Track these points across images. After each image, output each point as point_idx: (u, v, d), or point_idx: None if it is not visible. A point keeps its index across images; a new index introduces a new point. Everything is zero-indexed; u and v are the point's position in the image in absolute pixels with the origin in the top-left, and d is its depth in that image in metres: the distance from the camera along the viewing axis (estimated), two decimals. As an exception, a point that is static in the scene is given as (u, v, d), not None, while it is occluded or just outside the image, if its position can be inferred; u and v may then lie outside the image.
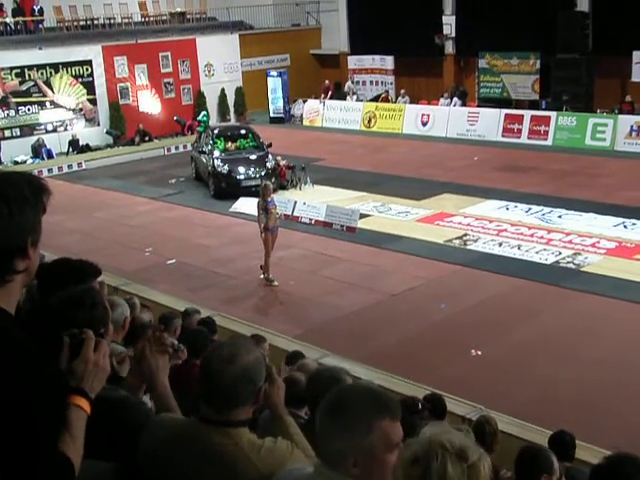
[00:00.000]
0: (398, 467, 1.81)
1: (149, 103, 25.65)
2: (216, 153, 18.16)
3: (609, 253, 12.45)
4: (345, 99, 27.23)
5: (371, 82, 28.08)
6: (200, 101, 26.60)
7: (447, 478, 1.72)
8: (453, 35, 25.81)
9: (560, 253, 12.54)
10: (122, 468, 2.25)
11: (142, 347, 2.55)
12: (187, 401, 2.84)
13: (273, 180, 17.65)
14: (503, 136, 22.29)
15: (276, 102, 27.66)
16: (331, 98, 27.34)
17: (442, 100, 24.87)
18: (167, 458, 2.29)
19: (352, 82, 27.89)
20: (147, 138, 23.99)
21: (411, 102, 25.52)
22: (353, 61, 28.55)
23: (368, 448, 1.94)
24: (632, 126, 20.02)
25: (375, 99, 26.92)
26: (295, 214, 15.38)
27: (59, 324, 2.20)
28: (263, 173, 17.55)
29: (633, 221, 13.83)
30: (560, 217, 14.48)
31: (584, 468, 5.15)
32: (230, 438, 2.23)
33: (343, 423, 1.95)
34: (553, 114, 21.63)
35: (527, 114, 22.25)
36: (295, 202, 15.65)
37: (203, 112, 25.12)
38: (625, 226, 13.70)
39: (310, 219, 15.14)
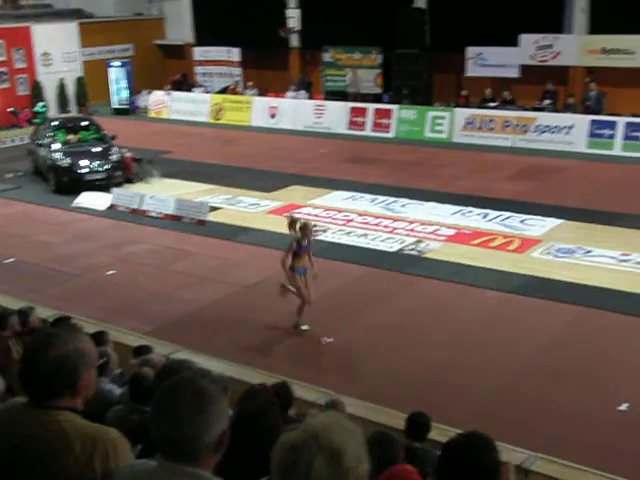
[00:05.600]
0: (276, 450, 1.76)
1: (-19, 93, 24.10)
2: (56, 146, 17.38)
3: (449, 240, 13.12)
4: (191, 91, 26.90)
5: (219, 74, 27.88)
6: (37, 91, 25.33)
7: (312, 475, 1.68)
8: (298, 29, 26.12)
9: (404, 241, 13.07)
10: None
11: None
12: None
13: (119, 173, 17.17)
14: (349, 129, 22.87)
15: (120, 93, 26.85)
16: (179, 90, 26.91)
17: (289, 93, 25.14)
18: None
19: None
20: (-21, 130, 22.55)
21: (260, 94, 25.61)
22: (199, 52, 28.22)
23: (225, 430, 2.04)
24: (467, 119, 21.18)
25: (223, 91, 26.77)
26: (143, 208, 15.05)
27: None
28: (108, 166, 17.01)
29: (469, 209, 14.66)
30: (403, 206, 15.09)
31: (432, 449, 5.41)
32: (51, 416, 2.25)
33: (210, 416, 1.99)
34: (395, 107, 22.46)
35: (371, 107, 22.95)
36: (142, 196, 15.31)
37: (41, 103, 23.94)
38: (463, 214, 14.49)
39: (159, 213, 14.85)
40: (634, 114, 19.33)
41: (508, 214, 14.21)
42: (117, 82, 26.77)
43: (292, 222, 9.66)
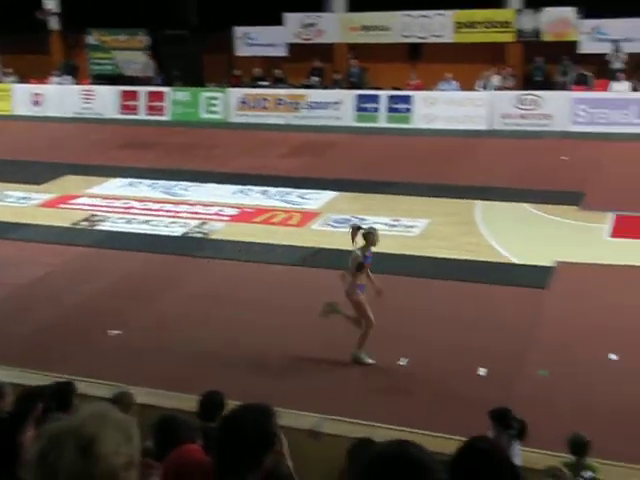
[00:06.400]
0: (35, 441, 1.73)
1: None
2: None
3: (232, 219, 13.25)
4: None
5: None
6: None
7: (60, 464, 1.66)
8: (57, 11, 24.72)
9: (188, 224, 13.00)
10: None
11: None
12: None
13: None
14: (121, 113, 22.20)
15: None
16: None
17: (54, 79, 23.82)
18: None
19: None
20: None
21: (20, 81, 23.99)
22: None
23: None
24: (240, 98, 21.38)
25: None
26: None
27: None
28: None
29: (249, 187, 14.90)
30: (184, 189, 14.98)
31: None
32: None
33: None
34: (167, 90, 22.10)
35: (143, 90, 22.39)
36: None
37: None
38: (244, 193, 14.69)
39: None
40: (394, 87, 20.62)
41: (287, 190, 14.63)
42: None
43: (354, 231, 8.12)
